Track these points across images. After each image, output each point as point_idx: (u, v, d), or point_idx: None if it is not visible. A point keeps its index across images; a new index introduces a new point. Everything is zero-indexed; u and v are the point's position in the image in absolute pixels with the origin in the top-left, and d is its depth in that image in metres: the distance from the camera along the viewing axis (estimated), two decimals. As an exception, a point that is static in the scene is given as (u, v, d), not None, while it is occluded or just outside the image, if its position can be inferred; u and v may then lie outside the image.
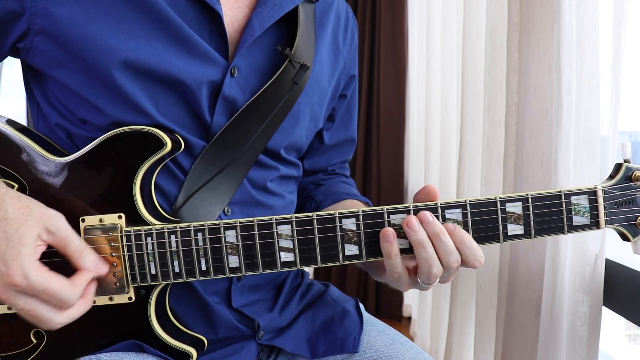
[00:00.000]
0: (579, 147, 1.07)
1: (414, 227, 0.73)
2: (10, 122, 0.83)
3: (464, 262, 0.75)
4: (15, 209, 0.69)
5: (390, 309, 2.96)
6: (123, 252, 0.77)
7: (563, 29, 1.05)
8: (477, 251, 0.74)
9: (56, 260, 0.72)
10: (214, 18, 0.82)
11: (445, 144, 2.10)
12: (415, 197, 0.78)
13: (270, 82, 0.85)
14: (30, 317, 0.70)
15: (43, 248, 0.70)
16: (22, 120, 0.91)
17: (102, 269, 0.75)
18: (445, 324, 2.02)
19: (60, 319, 0.70)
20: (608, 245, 1.04)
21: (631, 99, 1.11)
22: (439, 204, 0.75)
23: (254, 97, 0.84)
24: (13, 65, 0.88)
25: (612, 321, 1.10)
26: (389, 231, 0.74)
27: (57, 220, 0.71)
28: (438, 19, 2.22)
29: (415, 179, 2.70)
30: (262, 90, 0.84)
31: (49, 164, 0.79)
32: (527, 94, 1.22)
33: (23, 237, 0.68)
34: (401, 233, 0.75)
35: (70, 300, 0.70)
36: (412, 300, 2.90)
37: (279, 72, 0.85)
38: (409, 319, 2.94)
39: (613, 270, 1.05)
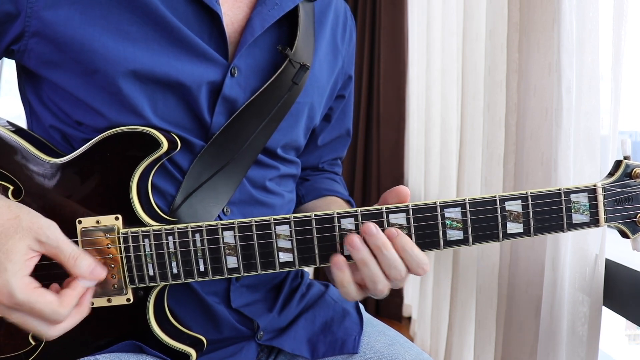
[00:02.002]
0: (579, 147, 1.07)
1: (357, 246, 0.72)
2: (6, 124, 0.83)
3: (407, 270, 0.74)
4: (4, 220, 0.67)
5: (390, 309, 2.95)
6: (121, 253, 0.76)
7: (563, 29, 1.05)
8: (420, 260, 0.73)
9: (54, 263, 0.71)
10: (214, 19, 0.82)
11: (445, 144, 2.10)
12: (385, 198, 0.77)
13: (269, 82, 0.84)
14: (24, 329, 0.68)
15: (36, 260, 0.68)
16: (22, 120, 0.90)
17: (99, 274, 0.72)
18: (445, 324, 2.02)
19: (53, 332, 0.68)
20: (608, 245, 1.04)
21: (631, 99, 1.11)
22: (438, 203, 0.74)
23: (253, 97, 0.84)
24: (13, 66, 0.87)
25: (612, 321, 1.10)
26: (340, 259, 0.74)
27: (47, 229, 0.68)
28: (438, 19, 2.22)
29: (415, 179, 2.69)
30: (261, 90, 0.84)
31: (44, 165, 0.78)
32: (527, 94, 1.22)
33: (10, 252, 0.65)
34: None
35: (58, 319, 0.67)
36: (412, 300, 2.90)
37: (278, 72, 0.85)
38: (409, 319, 2.94)
39: (613, 270, 1.05)
